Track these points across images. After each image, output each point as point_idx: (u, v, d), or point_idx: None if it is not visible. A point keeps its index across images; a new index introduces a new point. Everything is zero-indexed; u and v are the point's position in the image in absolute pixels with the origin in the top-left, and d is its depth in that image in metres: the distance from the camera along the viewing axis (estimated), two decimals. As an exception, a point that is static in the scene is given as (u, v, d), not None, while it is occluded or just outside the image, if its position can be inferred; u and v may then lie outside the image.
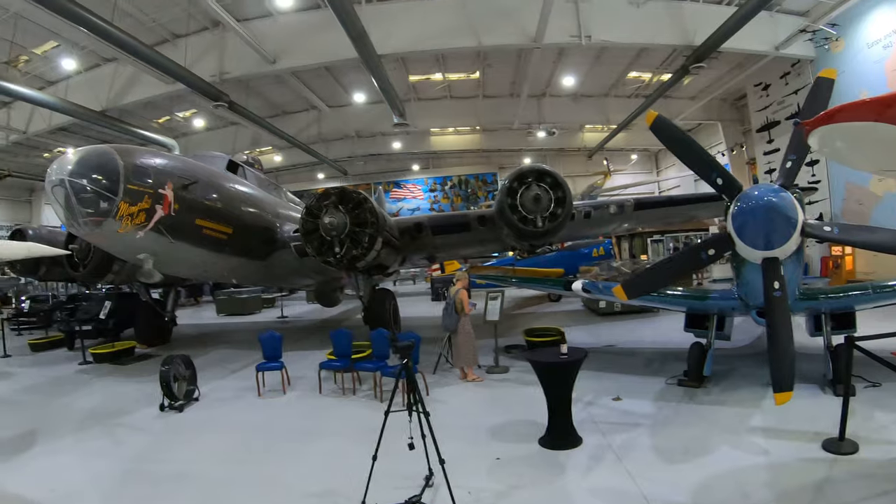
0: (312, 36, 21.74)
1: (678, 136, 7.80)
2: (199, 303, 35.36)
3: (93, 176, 10.04)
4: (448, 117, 34.92)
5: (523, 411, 8.84)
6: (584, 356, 7.82)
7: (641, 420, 8.25)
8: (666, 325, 15.98)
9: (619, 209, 16.27)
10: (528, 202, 12.87)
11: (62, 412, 10.85)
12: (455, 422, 8.46)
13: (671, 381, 10.10)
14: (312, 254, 13.34)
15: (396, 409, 6.01)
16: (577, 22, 20.79)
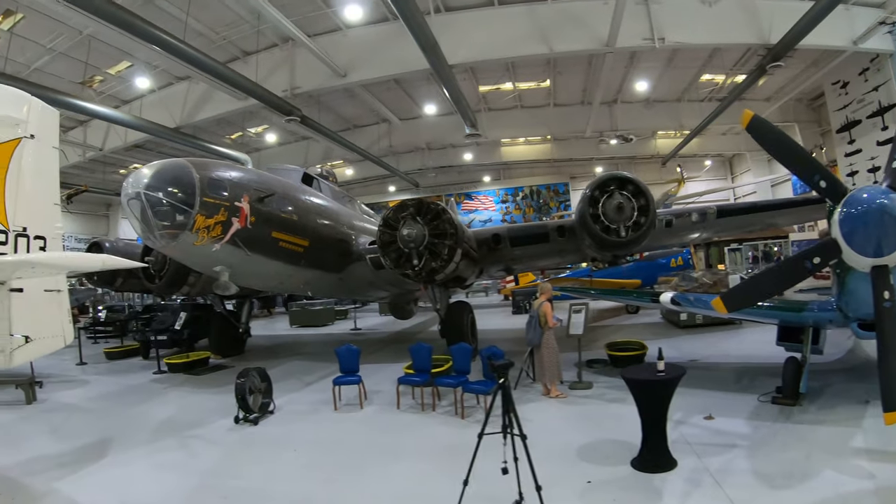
0: (382, 49, 21.76)
1: (777, 136, 7.17)
2: (272, 314, 35.80)
3: (169, 189, 10.09)
4: (519, 127, 34.51)
5: (612, 430, 8.44)
6: (682, 374, 7.40)
7: (737, 441, 7.75)
8: (750, 337, 15.38)
9: (700, 217, 15.55)
10: (610, 211, 12.40)
11: (135, 422, 10.90)
12: (540, 441, 7.99)
13: (764, 398, 9.50)
14: (389, 266, 13.17)
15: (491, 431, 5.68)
16: (650, 24, 20.17)
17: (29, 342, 7.06)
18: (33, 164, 7.46)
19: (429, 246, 12.74)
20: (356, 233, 16.17)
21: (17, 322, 6.93)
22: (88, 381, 15.49)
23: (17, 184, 7.21)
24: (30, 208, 7.31)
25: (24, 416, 11.85)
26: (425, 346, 11.28)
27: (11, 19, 19.41)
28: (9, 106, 7.25)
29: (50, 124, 7.93)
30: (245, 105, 24.64)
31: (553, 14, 20.51)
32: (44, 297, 7.46)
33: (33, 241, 7.32)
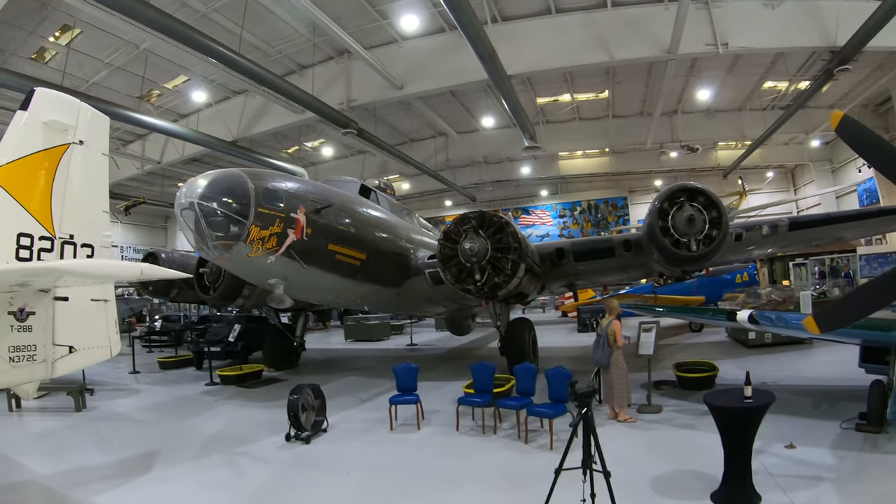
0: (439, 60, 21.54)
1: (871, 139, 6.33)
2: (327, 327, 35.66)
3: (223, 199, 9.82)
4: (577, 140, 33.91)
5: (687, 459, 7.78)
6: (771, 401, 6.70)
7: (823, 473, 7.10)
8: (824, 357, 14.61)
9: (772, 230, 14.56)
10: (680, 224, 11.66)
11: (183, 435, 10.66)
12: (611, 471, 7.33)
13: (847, 424, 8.68)
14: (450, 281, 12.65)
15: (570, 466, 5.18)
16: (712, 29, 19.35)
17: (73, 352, 6.85)
18: (82, 170, 7.26)
19: (491, 260, 12.18)
20: (414, 247, 15.77)
21: (61, 331, 6.73)
22: (140, 391, 15.45)
23: (64, 190, 7.00)
24: (77, 216, 7.10)
25: (72, 423, 11.79)
26: (488, 366, 10.70)
27: (69, 34, 19.83)
28: (57, 111, 7.04)
29: (100, 130, 7.71)
30: (301, 118, 24.80)
31: (612, 21, 19.91)
32: (90, 307, 7.21)
33: (80, 250, 7.07)
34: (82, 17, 18.52)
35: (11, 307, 6.23)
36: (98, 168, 7.59)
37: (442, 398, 11.94)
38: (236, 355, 18.17)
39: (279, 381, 15.91)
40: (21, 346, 6.29)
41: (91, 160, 7.44)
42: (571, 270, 14.90)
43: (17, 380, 6.42)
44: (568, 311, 29.96)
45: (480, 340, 24.22)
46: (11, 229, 6.35)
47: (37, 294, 6.48)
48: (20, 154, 6.62)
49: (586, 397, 5.25)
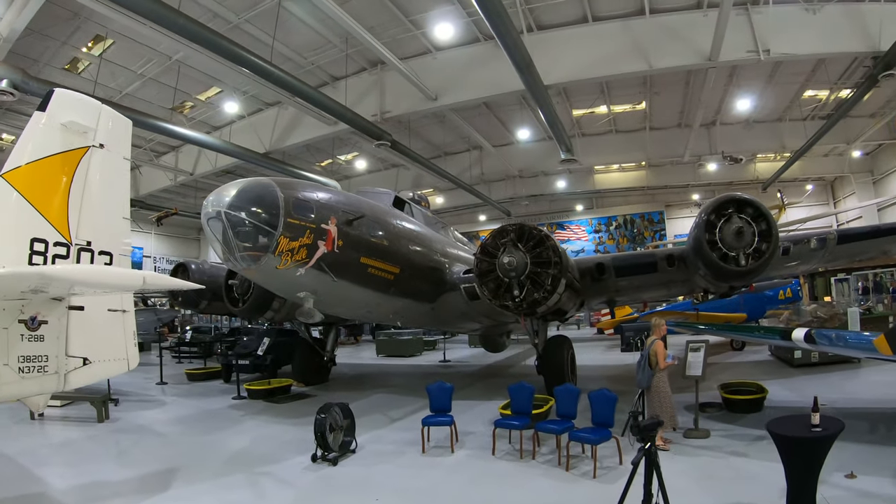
0: (473, 71, 21.12)
1: None
2: (358, 342, 35.30)
3: (251, 209, 9.50)
4: (613, 153, 33.24)
5: (742, 490, 7.19)
6: (840, 429, 6.13)
7: None
8: (875, 377, 13.93)
9: (820, 243, 13.85)
10: (728, 237, 11.07)
11: (206, 451, 10.30)
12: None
13: None
14: (488, 297, 12.12)
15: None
16: (753, 36, 18.58)
17: (87, 364, 6.50)
18: (101, 174, 6.94)
19: (531, 275, 11.64)
20: (450, 261, 15.31)
21: (75, 342, 6.39)
22: (165, 402, 15.20)
23: (82, 195, 6.69)
24: (96, 222, 6.77)
25: (93, 434, 11.55)
26: (527, 387, 10.12)
27: (101, 45, 19.94)
28: (76, 112, 6.75)
29: (121, 134, 7.41)
30: (334, 130, 24.56)
31: (650, 29, 19.28)
32: (107, 318, 6.85)
33: (98, 257, 6.73)
34: (114, 28, 18.64)
35: (23, 315, 5.91)
36: (119, 173, 7.27)
37: (476, 419, 11.40)
38: (265, 369, 17.87)
39: (308, 397, 15.50)
40: (32, 356, 5.96)
41: (111, 164, 7.12)
42: (612, 286, 14.26)
43: (27, 392, 6.08)
44: (604, 328, 29.03)
45: (515, 358, 23.58)
46: (25, 234, 6.04)
47: (50, 302, 6.14)
48: (37, 156, 6.33)
49: (650, 431, 4.63)
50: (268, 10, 18.01)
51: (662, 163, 35.65)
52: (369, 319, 18.74)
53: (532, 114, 27.32)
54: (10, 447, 10.23)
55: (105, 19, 17.71)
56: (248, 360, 17.65)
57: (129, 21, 16.63)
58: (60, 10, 17.40)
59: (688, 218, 39.45)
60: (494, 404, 11.53)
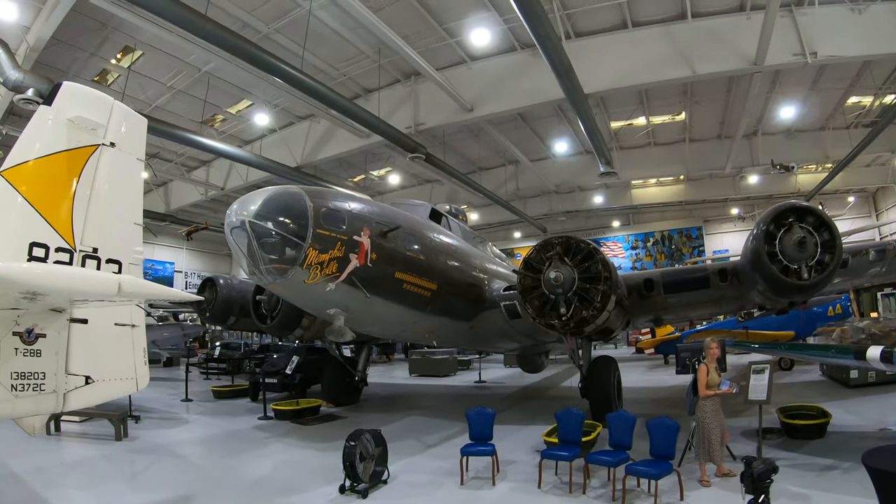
0: (510, 80, 20.50)
1: None
2: (391, 360, 34.60)
3: (278, 219, 8.90)
4: (651, 166, 32.24)
5: None
6: None
7: None
8: None
9: (878, 255, 13.05)
10: (789, 248, 10.19)
11: (225, 476, 9.61)
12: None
13: None
14: (532, 315, 11.31)
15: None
16: (798, 38, 17.63)
17: (90, 384, 5.83)
18: (111, 175, 6.30)
19: (578, 291, 10.84)
20: (489, 277, 14.52)
21: (77, 359, 5.71)
22: (188, 421, 14.61)
23: (89, 197, 6.05)
24: (104, 227, 6.11)
25: (109, 453, 10.96)
26: (576, 413, 9.21)
27: (130, 56, 19.82)
28: (85, 107, 6.11)
29: (135, 132, 6.78)
30: (367, 143, 24.14)
31: (692, 33, 18.46)
32: (113, 333, 6.19)
33: (105, 266, 6.07)
34: (143, 39, 18.59)
35: (17, 327, 5.25)
36: (131, 174, 6.65)
37: (518, 446, 10.51)
38: (294, 388, 17.21)
39: (338, 419, 14.72)
40: (27, 373, 5.30)
41: (123, 164, 6.49)
42: (661, 303, 13.28)
43: (21, 412, 5.41)
44: (645, 347, 27.87)
45: (554, 379, 22.61)
46: (23, 238, 5.39)
47: (48, 314, 5.50)
48: (39, 153, 5.69)
49: (765, 478, 3.75)
50: (298, 19, 17.63)
51: (701, 176, 34.67)
52: (403, 339, 17.98)
53: (569, 126, 26.75)
54: (21, 464, 9.71)
55: (134, 30, 17.62)
56: (276, 378, 16.98)
57: (157, 30, 16.55)
58: (88, 20, 17.31)
59: (727, 233, 38.86)
60: (537, 430, 10.75)
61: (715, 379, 8.57)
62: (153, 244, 42.49)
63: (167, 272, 43.46)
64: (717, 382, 8.54)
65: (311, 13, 17.10)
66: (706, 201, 38.36)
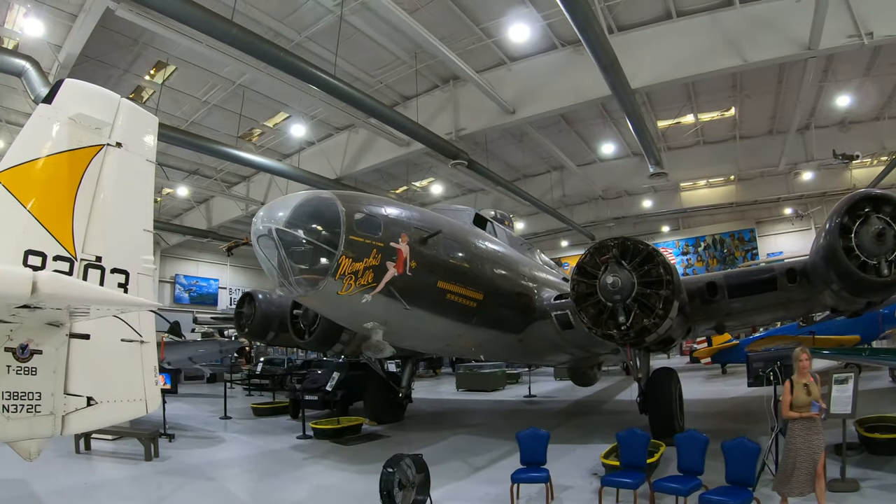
0: (552, 80, 19.65)
1: None
2: (437, 375, 33.84)
3: (307, 225, 8.32)
4: (701, 166, 30.86)
5: None
6: None
7: None
8: None
9: None
10: (867, 242, 9.16)
11: (255, 503, 9.04)
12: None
13: None
14: (587, 325, 10.46)
15: None
16: (852, 18, 16.30)
17: (92, 405, 5.22)
18: (118, 178, 5.77)
19: (638, 298, 9.94)
20: (538, 285, 13.67)
21: (78, 378, 5.15)
22: (224, 440, 14.09)
23: (92, 201, 5.52)
24: (109, 233, 5.58)
25: (136, 474, 10.49)
26: (640, 434, 8.28)
27: (164, 72, 19.74)
28: (89, 105, 5.60)
29: (145, 132, 6.26)
30: (407, 152, 23.62)
31: (741, 20, 17.30)
32: (119, 349, 5.60)
33: (110, 276, 5.52)
34: (176, 53, 18.45)
35: (11, 342, 4.70)
36: (140, 177, 6.10)
37: (573, 468, 9.63)
38: (335, 405, 16.55)
39: (380, 438, 14.00)
40: (21, 392, 4.76)
41: (131, 167, 5.95)
42: (724, 309, 12.17)
43: (14, 435, 4.83)
44: (701, 356, 26.46)
45: (606, 392, 21.57)
46: (17, 245, 4.86)
47: (45, 328, 4.93)
48: (38, 155, 5.20)
49: None
50: (331, 26, 17.14)
51: (752, 175, 33.17)
52: (448, 353, 17.18)
53: (615, 127, 25.85)
54: (44, 485, 9.30)
55: (165, 44, 17.52)
56: (317, 395, 16.40)
57: (190, 43, 16.43)
58: (119, 36, 17.24)
59: (781, 234, 37.26)
60: (592, 450, 9.91)
61: (802, 398, 6.88)
62: (198, 261, 42.99)
63: (212, 289, 43.75)
64: (805, 403, 6.86)
65: (343, 19, 16.66)
66: (758, 202, 36.69)
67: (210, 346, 16.73)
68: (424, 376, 31.87)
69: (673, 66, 18.16)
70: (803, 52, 16.90)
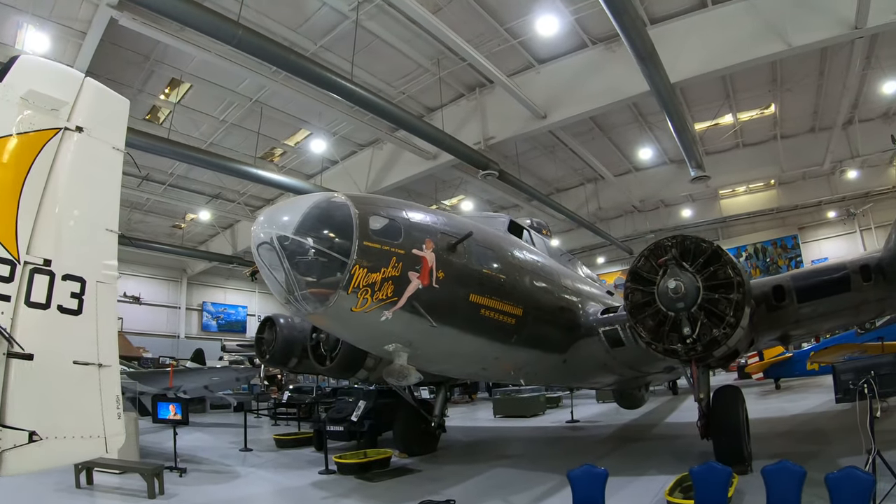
0: (583, 80, 18.60)
1: None
2: (473, 400, 32.31)
3: (315, 231, 7.12)
4: (741, 170, 29.11)
5: None
6: None
7: None
8: None
9: None
10: None
11: None
12: None
13: None
14: (646, 340, 9.01)
15: None
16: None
17: (35, 441, 4.12)
18: (77, 168, 4.77)
19: (705, 304, 8.55)
20: (582, 299, 12.26)
21: (17, 408, 4.09)
22: (239, 475, 12.78)
23: (42, 194, 4.51)
24: (62, 233, 4.58)
25: None
26: (719, 469, 6.85)
27: (178, 91, 19.39)
28: (44, 81, 4.63)
29: (112, 116, 5.25)
30: (434, 165, 22.69)
31: (779, 2, 16.03)
32: (72, 374, 4.50)
33: (61, 283, 4.47)
34: (189, 69, 17.98)
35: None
36: (105, 167, 5.07)
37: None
38: (363, 436, 15.26)
39: (411, 472, 12.54)
40: (-59, 425, 3.76)
41: (94, 155, 4.94)
42: (792, 316, 10.56)
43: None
44: (753, 371, 24.59)
45: (655, 414, 19.79)
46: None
47: (-27, 344, 3.93)
48: (-23, 138, 4.27)
49: None
50: (347, 33, 16.31)
51: (794, 178, 31.57)
52: (484, 378, 15.72)
53: (651, 133, 24.69)
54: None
55: (178, 59, 17.07)
56: (342, 425, 15.16)
57: (200, 54, 16.06)
58: (130, 53, 16.88)
59: (825, 239, 35.74)
60: (650, 483, 8.60)
61: None
62: (225, 288, 42.63)
63: (240, 316, 43.28)
64: None
65: (360, 24, 15.76)
66: (799, 206, 35.05)
67: (225, 373, 15.62)
68: (460, 402, 30.42)
69: (711, 58, 16.98)
70: (850, 31, 15.56)
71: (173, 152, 18.55)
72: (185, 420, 12.60)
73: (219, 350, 35.52)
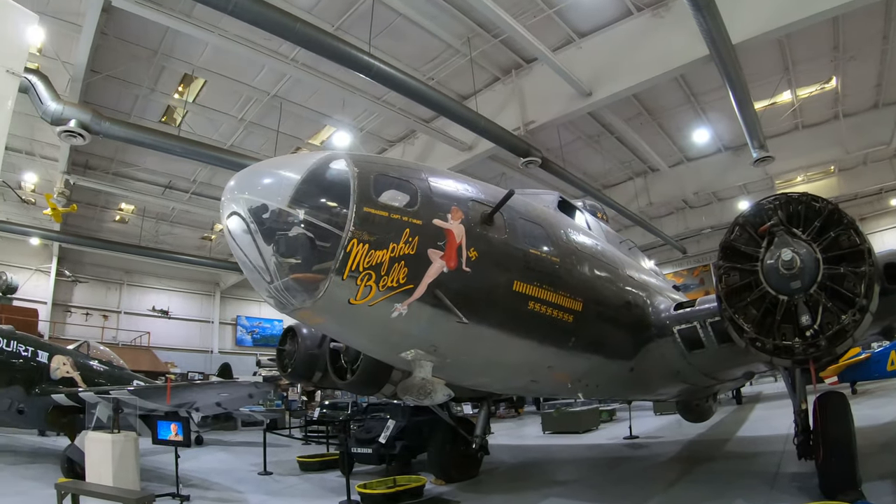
0: (630, 52, 16.78)
1: None
2: (520, 414, 30.09)
3: (299, 195, 5.09)
4: (800, 154, 26.75)
5: None
6: None
7: None
8: None
9: None
10: None
11: None
12: None
13: None
14: (751, 333, 6.58)
15: None
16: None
17: None
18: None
19: (827, 282, 6.23)
20: (649, 293, 9.94)
21: None
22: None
23: None
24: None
25: None
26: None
27: (192, 87, 18.53)
28: None
29: (11, 33, 3.75)
30: (470, 157, 21.17)
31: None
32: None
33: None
34: (200, 63, 17.08)
35: None
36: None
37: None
38: (394, 459, 13.52)
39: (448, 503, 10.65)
40: None
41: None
42: None
43: None
44: (826, 375, 22.03)
45: (722, 427, 17.38)
46: None
47: None
48: None
49: None
50: (368, 10, 14.90)
51: (854, 164, 29.16)
52: (533, 392, 13.54)
53: (703, 115, 22.85)
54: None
55: (187, 52, 16.25)
56: (371, 448, 13.45)
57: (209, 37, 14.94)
58: (137, 48, 16.16)
59: (889, 230, 33.31)
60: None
61: None
62: (260, 301, 41.64)
63: (276, 330, 42.20)
64: None
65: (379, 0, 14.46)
66: (859, 196, 32.64)
67: (235, 389, 14.02)
68: (505, 416, 28.28)
69: (772, 15, 14.91)
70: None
71: (187, 150, 17.40)
72: (186, 442, 10.96)
73: (254, 365, 34.40)
